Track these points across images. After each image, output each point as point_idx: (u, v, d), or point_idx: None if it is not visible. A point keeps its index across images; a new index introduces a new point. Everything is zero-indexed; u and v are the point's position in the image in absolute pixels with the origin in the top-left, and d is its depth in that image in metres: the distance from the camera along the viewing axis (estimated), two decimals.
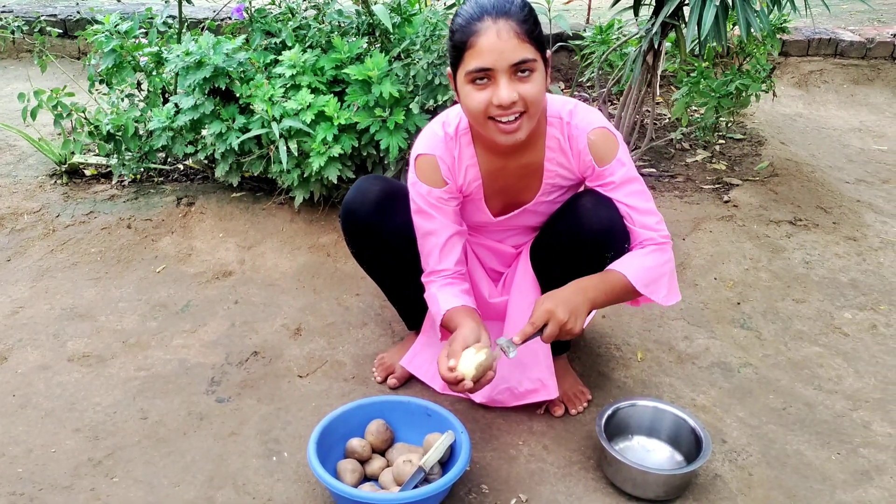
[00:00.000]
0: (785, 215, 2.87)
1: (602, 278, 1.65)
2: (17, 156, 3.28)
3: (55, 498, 1.67)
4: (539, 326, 1.57)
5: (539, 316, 1.57)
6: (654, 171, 3.20)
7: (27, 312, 2.32)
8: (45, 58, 3.06)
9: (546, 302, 1.58)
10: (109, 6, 5.01)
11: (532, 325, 1.57)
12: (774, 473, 1.76)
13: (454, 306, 1.70)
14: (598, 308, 1.68)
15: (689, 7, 2.40)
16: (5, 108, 3.87)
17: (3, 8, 4.96)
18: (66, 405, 1.95)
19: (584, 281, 1.63)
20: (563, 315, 1.55)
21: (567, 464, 1.78)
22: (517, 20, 1.48)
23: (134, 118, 2.80)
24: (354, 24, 2.79)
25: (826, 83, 4.41)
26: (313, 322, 2.29)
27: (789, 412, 1.96)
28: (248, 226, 2.74)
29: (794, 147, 3.53)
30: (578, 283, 1.62)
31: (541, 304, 1.59)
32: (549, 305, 1.57)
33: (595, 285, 1.63)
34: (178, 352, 2.16)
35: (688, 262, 2.59)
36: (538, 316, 1.57)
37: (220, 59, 2.53)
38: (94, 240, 2.69)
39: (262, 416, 1.92)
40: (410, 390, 2.00)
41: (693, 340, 2.23)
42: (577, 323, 1.57)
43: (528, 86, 1.51)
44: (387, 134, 2.50)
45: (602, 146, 1.65)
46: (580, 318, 1.57)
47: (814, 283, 2.50)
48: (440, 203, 1.72)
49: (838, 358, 2.16)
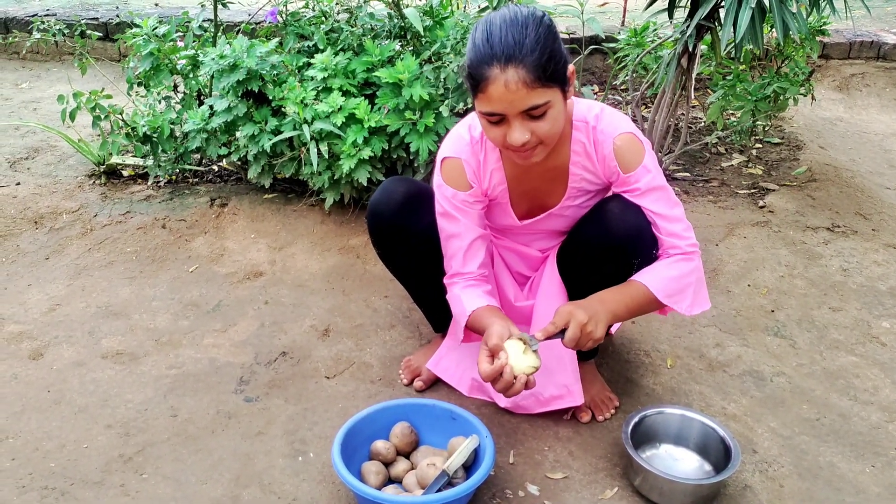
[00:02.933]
0: (822, 221, 2.81)
1: (623, 290, 1.64)
2: (58, 156, 3.35)
3: (86, 493, 1.70)
4: (560, 326, 1.57)
5: (560, 317, 1.57)
6: (688, 176, 3.16)
7: (64, 310, 2.37)
8: (86, 60, 3.13)
9: (566, 306, 1.59)
10: (149, 10, 5.11)
11: (553, 324, 1.57)
12: (806, 485, 1.72)
13: (480, 306, 1.69)
14: (620, 320, 1.68)
15: (724, 9, 2.36)
16: (48, 110, 3.96)
17: (46, 11, 5.09)
18: (99, 402, 1.98)
19: (604, 293, 1.63)
20: (583, 317, 1.55)
21: (593, 471, 1.76)
22: (527, 66, 1.42)
23: (170, 120, 2.85)
24: (386, 28, 2.80)
25: (868, 87, 4.31)
26: (341, 323, 2.30)
27: (823, 423, 1.91)
28: (279, 227, 2.77)
29: (834, 152, 3.46)
30: (600, 295, 1.63)
31: (561, 308, 1.59)
32: (570, 308, 1.57)
33: (615, 297, 1.62)
34: (209, 351, 2.19)
35: (721, 268, 2.55)
36: (559, 317, 1.57)
37: (254, 62, 2.57)
38: (130, 239, 2.74)
39: (290, 416, 1.93)
40: (436, 393, 2.00)
41: (725, 348, 2.19)
42: (597, 327, 1.56)
43: (541, 124, 1.49)
44: (417, 137, 2.51)
45: (628, 152, 1.63)
46: (600, 323, 1.57)
47: (851, 292, 2.44)
48: (465, 206, 1.72)
49: (875, 368, 2.11)
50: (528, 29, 1.43)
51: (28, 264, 2.62)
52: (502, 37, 1.43)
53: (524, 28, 1.43)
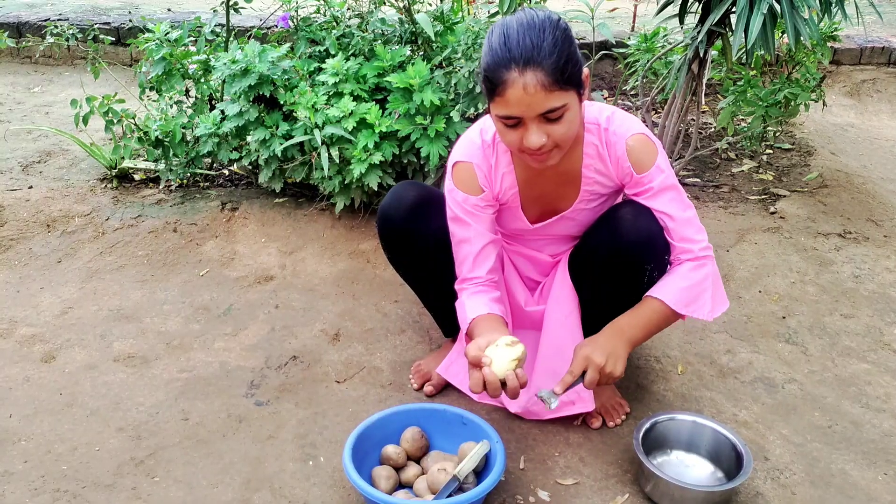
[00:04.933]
0: (834, 228, 2.80)
1: (638, 312, 1.64)
2: (70, 160, 3.37)
3: (97, 496, 1.71)
4: (577, 375, 1.58)
5: (577, 364, 1.58)
6: (698, 181, 3.16)
7: (76, 313, 2.39)
8: (98, 65, 3.15)
9: (583, 349, 1.59)
10: (161, 15, 5.14)
11: (571, 374, 1.58)
12: (818, 493, 1.71)
13: (480, 314, 1.69)
14: (640, 344, 1.68)
15: (735, 15, 2.36)
16: (60, 114, 3.99)
17: (58, 16, 5.12)
18: (110, 405, 1.99)
19: (619, 321, 1.64)
20: (600, 359, 1.56)
21: (604, 477, 1.76)
22: (545, 69, 1.42)
23: (182, 124, 2.86)
24: (397, 33, 2.81)
25: (879, 92, 4.29)
26: (352, 328, 2.31)
27: (835, 430, 1.90)
28: (289, 231, 2.78)
29: (845, 158, 3.44)
30: (614, 326, 1.63)
31: (578, 351, 1.59)
32: (586, 352, 1.58)
33: (631, 323, 1.63)
34: (220, 354, 2.19)
35: (731, 274, 2.54)
36: (576, 364, 1.58)
37: (265, 66, 2.58)
38: (142, 243, 2.75)
39: (300, 420, 1.94)
40: (447, 398, 2.00)
41: (736, 354, 2.18)
42: (616, 366, 1.58)
43: (558, 127, 1.49)
44: (427, 141, 2.51)
45: (641, 152, 1.63)
46: (620, 360, 1.58)
47: (863, 298, 2.43)
48: (476, 210, 1.72)
49: (887, 375, 2.10)
50: (546, 32, 1.43)
51: (40, 267, 2.63)
52: (520, 40, 1.43)
53: (541, 31, 1.43)
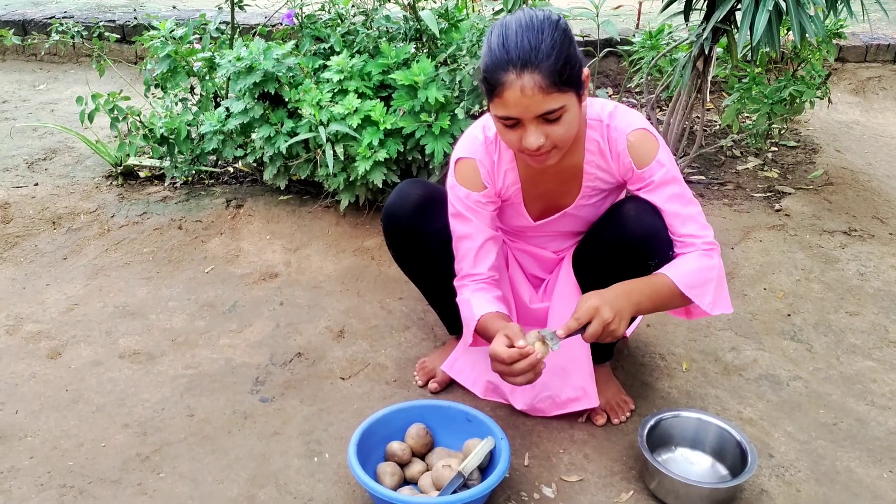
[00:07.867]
0: (839, 225, 2.80)
1: (648, 282, 1.60)
2: (76, 157, 3.38)
3: (103, 491, 1.71)
4: (583, 322, 1.51)
5: (584, 312, 1.51)
6: (703, 179, 3.15)
7: (81, 310, 2.39)
8: (104, 62, 3.16)
9: (591, 299, 1.52)
10: (165, 12, 5.15)
11: (576, 320, 1.51)
12: (823, 490, 1.71)
13: (489, 312, 1.68)
14: (643, 313, 1.64)
15: (741, 12, 2.35)
16: (65, 111, 4.00)
17: (63, 13, 5.13)
18: (116, 401, 2.00)
19: (630, 283, 1.58)
20: (608, 314, 1.49)
21: (608, 474, 1.76)
22: (543, 71, 1.41)
23: (186, 122, 2.87)
24: (402, 30, 2.81)
25: (885, 90, 4.28)
26: (356, 325, 2.31)
27: (840, 428, 1.90)
28: (294, 228, 2.78)
29: (850, 155, 3.44)
30: (624, 286, 1.57)
31: (585, 301, 1.53)
32: (595, 303, 1.51)
33: (640, 289, 1.58)
34: (225, 351, 2.20)
35: (736, 271, 2.54)
36: (583, 312, 1.51)
37: (270, 64, 2.58)
38: (147, 240, 2.76)
39: (305, 416, 1.94)
40: (451, 395, 2.00)
41: (741, 352, 2.18)
42: (620, 325, 1.51)
43: (556, 127, 1.48)
44: (432, 139, 2.51)
45: (641, 147, 1.63)
46: (624, 320, 1.52)
47: (868, 296, 2.43)
48: (478, 207, 1.72)
49: (892, 373, 2.09)
50: (544, 34, 1.43)
51: (46, 264, 2.64)
52: (518, 41, 1.42)
53: (540, 33, 1.43)
